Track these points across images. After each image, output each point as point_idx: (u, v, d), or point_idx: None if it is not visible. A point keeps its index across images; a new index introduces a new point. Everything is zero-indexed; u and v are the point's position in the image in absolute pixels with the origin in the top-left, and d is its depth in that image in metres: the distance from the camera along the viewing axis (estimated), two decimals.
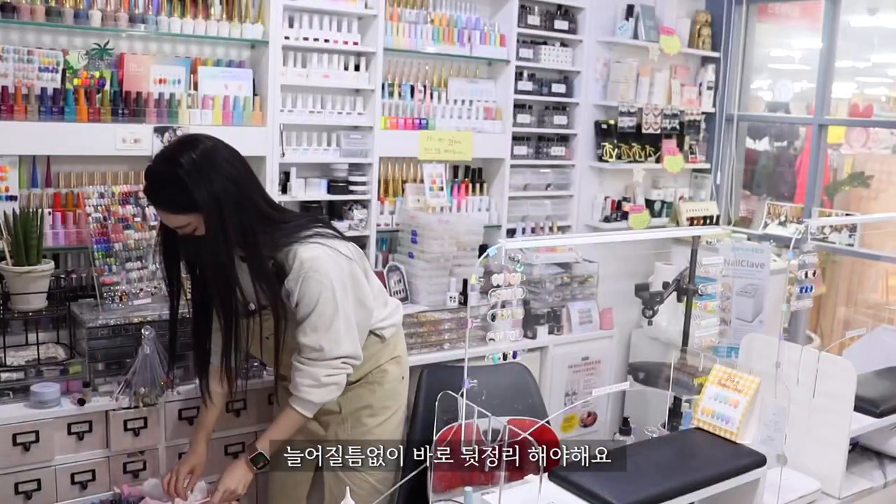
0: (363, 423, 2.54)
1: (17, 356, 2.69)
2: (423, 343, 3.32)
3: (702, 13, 4.65)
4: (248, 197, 2.23)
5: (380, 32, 3.43)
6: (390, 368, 2.60)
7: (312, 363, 2.30)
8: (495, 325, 2.63)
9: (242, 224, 2.19)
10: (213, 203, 2.14)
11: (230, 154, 2.26)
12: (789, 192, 5.14)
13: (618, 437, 2.57)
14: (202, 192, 2.13)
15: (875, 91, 5.32)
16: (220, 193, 2.15)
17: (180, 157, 2.16)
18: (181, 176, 2.13)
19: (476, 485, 2.13)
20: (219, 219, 2.15)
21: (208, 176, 2.14)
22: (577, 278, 3.93)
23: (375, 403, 2.56)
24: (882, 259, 4.27)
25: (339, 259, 2.29)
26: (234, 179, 2.20)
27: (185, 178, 2.12)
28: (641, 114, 4.33)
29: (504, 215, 3.94)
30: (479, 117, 3.81)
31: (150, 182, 2.23)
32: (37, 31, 2.87)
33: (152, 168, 2.23)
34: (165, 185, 2.18)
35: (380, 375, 2.58)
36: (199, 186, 2.12)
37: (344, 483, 2.24)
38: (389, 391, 2.60)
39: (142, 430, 2.71)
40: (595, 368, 3.98)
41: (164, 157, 2.22)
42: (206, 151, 2.19)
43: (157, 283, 2.90)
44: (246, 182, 2.25)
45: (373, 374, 2.57)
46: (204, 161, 2.16)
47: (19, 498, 2.55)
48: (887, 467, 2.58)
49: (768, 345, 2.41)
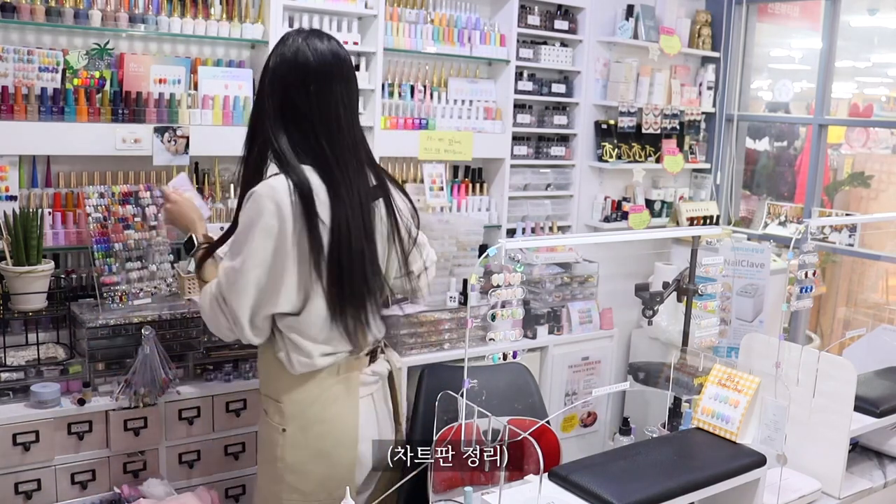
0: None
1: (17, 356, 2.69)
2: (423, 343, 3.32)
3: (702, 13, 4.65)
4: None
5: (380, 32, 3.43)
6: (270, 408, 2.19)
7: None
8: (495, 325, 2.63)
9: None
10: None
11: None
12: (789, 192, 5.14)
13: (618, 437, 2.56)
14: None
15: (875, 91, 5.33)
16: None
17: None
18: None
19: (476, 485, 2.13)
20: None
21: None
22: (577, 278, 3.93)
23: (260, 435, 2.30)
24: (882, 259, 4.27)
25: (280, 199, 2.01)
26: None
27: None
28: (641, 114, 4.33)
29: (504, 215, 3.94)
30: (479, 117, 3.81)
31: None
32: (37, 31, 2.87)
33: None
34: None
35: (265, 403, 2.23)
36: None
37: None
38: (263, 436, 2.25)
39: (142, 430, 2.71)
40: (595, 368, 3.98)
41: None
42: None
43: (157, 283, 2.91)
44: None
45: (265, 395, 2.24)
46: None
47: (19, 498, 2.55)
48: (887, 467, 2.58)
49: (768, 345, 2.41)
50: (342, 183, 2.06)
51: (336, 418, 2.18)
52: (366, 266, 2.11)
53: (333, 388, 2.17)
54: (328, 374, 2.16)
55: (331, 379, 2.16)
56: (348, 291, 2.08)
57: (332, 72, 2.08)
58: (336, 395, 2.18)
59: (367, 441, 2.23)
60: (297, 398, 2.16)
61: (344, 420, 2.19)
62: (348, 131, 2.10)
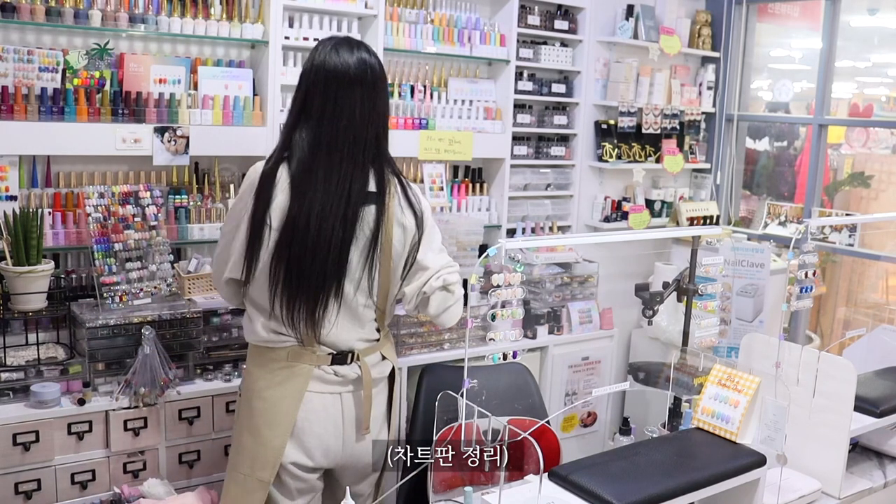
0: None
1: (17, 356, 2.69)
2: (423, 343, 3.32)
3: (702, 13, 4.65)
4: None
5: (380, 32, 3.43)
6: (248, 366, 2.34)
7: None
8: (495, 325, 2.63)
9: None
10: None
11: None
12: (789, 192, 5.14)
13: (618, 437, 2.56)
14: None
15: (875, 91, 5.33)
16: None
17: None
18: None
19: (476, 485, 2.13)
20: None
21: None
22: (577, 278, 3.93)
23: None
24: (882, 259, 4.27)
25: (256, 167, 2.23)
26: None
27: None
28: (641, 114, 4.33)
29: (504, 215, 3.94)
30: (479, 117, 3.81)
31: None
32: (37, 31, 2.87)
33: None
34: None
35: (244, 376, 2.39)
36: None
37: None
38: (243, 393, 2.36)
39: (142, 430, 2.71)
40: (595, 368, 3.98)
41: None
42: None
43: (157, 283, 2.91)
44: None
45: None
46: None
47: (19, 498, 2.55)
48: (887, 467, 2.58)
49: (768, 345, 2.41)
50: (322, 179, 2.13)
51: (275, 399, 2.23)
52: (322, 261, 2.14)
53: (280, 372, 2.23)
54: (277, 356, 2.23)
55: (280, 362, 2.23)
56: (295, 279, 2.14)
57: (345, 80, 2.17)
58: (281, 379, 2.23)
59: (316, 436, 2.25)
60: (251, 368, 2.30)
61: (282, 404, 2.22)
62: (355, 134, 2.16)
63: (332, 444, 2.27)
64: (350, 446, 2.30)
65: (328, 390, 2.25)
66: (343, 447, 2.29)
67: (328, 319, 2.20)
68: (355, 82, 2.16)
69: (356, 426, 2.30)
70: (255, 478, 2.23)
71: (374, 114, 2.19)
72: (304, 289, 2.14)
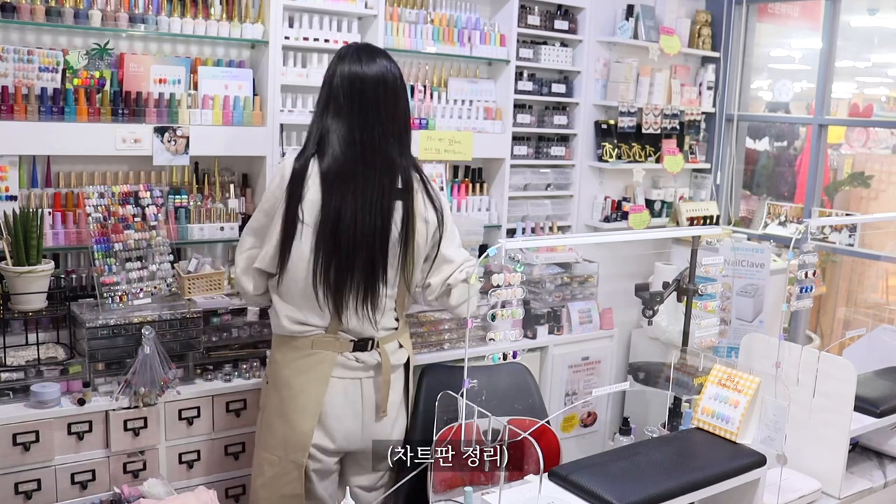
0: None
1: (17, 356, 2.69)
2: (423, 343, 3.32)
3: (702, 13, 4.65)
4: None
5: (380, 32, 3.43)
6: (273, 354, 2.53)
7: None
8: (495, 325, 2.63)
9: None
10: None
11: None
12: (789, 192, 5.14)
13: (618, 437, 2.56)
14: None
15: (875, 91, 5.33)
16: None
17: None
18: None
19: (476, 485, 2.12)
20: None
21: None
22: (577, 278, 3.93)
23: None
24: (882, 259, 4.27)
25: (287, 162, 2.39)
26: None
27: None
28: (641, 114, 4.33)
29: (504, 215, 3.94)
30: (479, 117, 3.81)
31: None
32: (37, 31, 2.87)
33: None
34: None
35: (269, 364, 2.58)
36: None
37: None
38: (270, 381, 2.54)
39: (142, 430, 2.71)
40: (595, 368, 3.98)
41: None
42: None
43: (157, 283, 2.91)
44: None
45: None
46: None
47: (19, 498, 2.55)
48: (887, 467, 2.58)
49: (768, 345, 2.41)
50: (360, 174, 2.32)
51: (301, 387, 2.42)
52: (369, 252, 2.33)
53: (306, 359, 2.41)
54: (302, 344, 2.41)
55: (304, 350, 2.41)
56: (343, 270, 2.32)
57: (370, 82, 2.37)
58: (307, 366, 2.41)
59: (338, 420, 2.43)
60: (276, 357, 2.48)
61: (309, 391, 2.41)
62: (383, 132, 2.36)
63: (352, 427, 2.45)
64: (368, 429, 2.47)
65: (349, 376, 2.43)
66: (362, 430, 2.46)
67: (380, 305, 2.38)
68: (379, 84, 2.36)
69: (375, 410, 2.48)
70: (289, 460, 2.42)
71: (397, 113, 2.39)
72: (354, 278, 2.33)
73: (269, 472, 2.47)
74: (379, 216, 2.33)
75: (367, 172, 2.32)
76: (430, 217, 2.46)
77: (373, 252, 2.33)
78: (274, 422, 2.46)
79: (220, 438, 2.89)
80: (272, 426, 2.47)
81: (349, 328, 2.41)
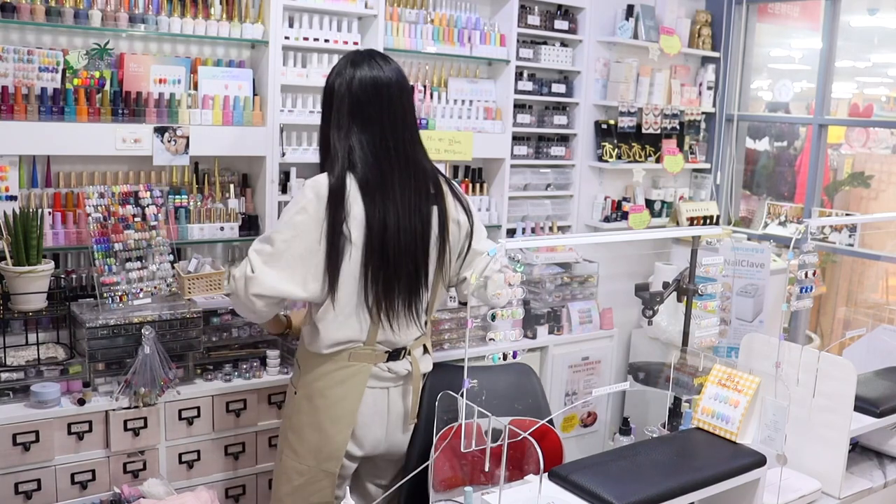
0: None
1: (17, 356, 2.69)
2: None
3: (702, 13, 4.65)
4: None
5: (380, 32, 3.43)
6: (303, 365, 2.45)
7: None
8: (495, 325, 2.63)
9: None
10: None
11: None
12: (789, 192, 5.14)
13: (618, 437, 2.56)
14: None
15: (875, 91, 5.32)
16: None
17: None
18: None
19: (476, 485, 2.13)
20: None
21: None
22: (577, 278, 3.93)
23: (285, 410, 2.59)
24: (882, 259, 4.27)
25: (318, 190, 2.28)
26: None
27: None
28: (641, 114, 4.33)
29: (504, 215, 3.94)
30: (479, 117, 3.81)
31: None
32: (37, 31, 2.87)
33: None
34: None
35: (296, 373, 2.49)
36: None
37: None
38: (288, 393, 2.53)
39: (142, 430, 2.71)
40: (595, 368, 3.98)
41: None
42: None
43: (157, 283, 2.91)
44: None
45: (297, 356, 2.53)
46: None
47: (19, 498, 2.55)
48: (887, 467, 2.58)
49: (768, 345, 2.41)
50: (398, 182, 2.30)
51: (337, 398, 2.38)
52: (412, 259, 2.33)
53: (341, 371, 2.37)
54: (339, 357, 2.36)
55: (341, 362, 2.37)
56: (392, 279, 2.31)
57: (394, 87, 2.35)
58: (342, 378, 2.37)
59: (368, 427, 2.42)
60: (308, 369, 2.42)
61: (344, 401, 2.38)
62: (412, 136, 2.37)
63: (379, 434, 2.45)
64: (392, 436, 2.47)
65: (379, 385, 2.42)
66: (386, 437, 2.46)
67: (400, 318, 2.36)
68: (402, 89, 2.36)
69: (402, 418, 2.47)
70: (320, 469, 2.41)
71: (414, 117, 2.41)
72: (400, 286, 2.32)
73: (297, 480, 2.43)
74: (419, 222, 2.33)
75: (404, 179, 2.31)
76: (462, 219, 2.48)
77: (415, 258, 2.34)
78: (305, 431, 2.42)
79: (220, 438, 2.90)
80: (302, 435, 2.42)
81: (385, 339, 2.38)
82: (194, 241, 3.12)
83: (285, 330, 2.72)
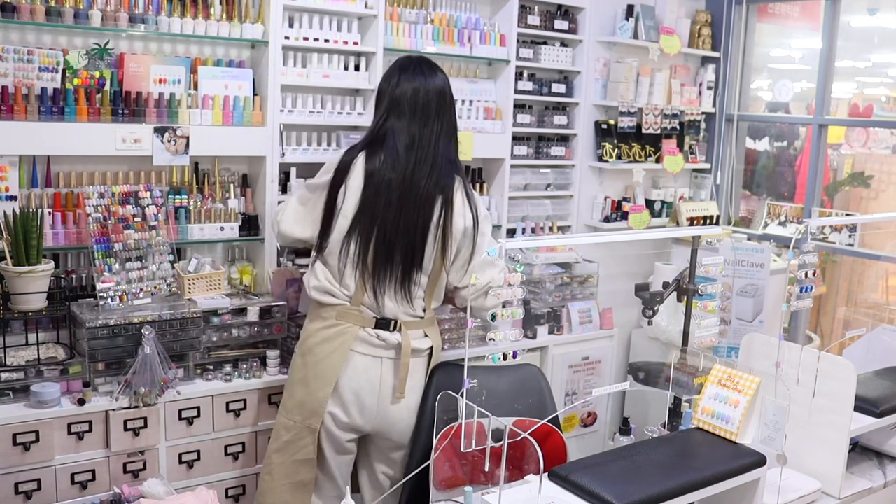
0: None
1: (17, 356, 2.69)
2: None
3: (702, 13, 4.65)
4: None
5: (380, 32, 3.43)
6: (306, 324, 2.70)
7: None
8: (495, 325, 2.63)
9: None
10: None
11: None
12: (789, 192, 5.14)
13: (618, 437, 2.56)
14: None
15: (875, 91, 5.32)
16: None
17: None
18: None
19: (476, 485, 2.13)
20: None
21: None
22: (577, 278, 3.93)
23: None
24: (882, 259, 4.27)
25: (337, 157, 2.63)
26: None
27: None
28: (641, 114, 4.33)
29: (504, 215, 3.94)
30: (479, 117, 3.81)
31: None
32: (37, 31, 2.87)
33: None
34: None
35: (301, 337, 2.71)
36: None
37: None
38: (297, 349, 2.71)
39: (142, 430, 2.71)
40: (595, 368, 3.98)
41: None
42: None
43: (157, 283, 2.91)
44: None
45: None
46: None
47: (19, 498, 2.55)
48: (887, 467, 2.58)
49: (768, 345, 2.41)
50: (404, 164, 2.53)
51: (323, 354, 2.58)
52: (403, 239, 2.52)
53: (329, 330, 2.59)
54: (328, 313, 2.60)
55: (329, 320, 2.59)
56: (385, 255, 2.52)
57: (443, 93, 2.63)
58: (330, 336, 2.58)
59: (356, 395, 2.58)
60: (307, 325, 2.67)
61: (329, 358, 2.57)
62: (437, 129, 2.59)
63: (368, 402, 2.58)
64: (384, 408, 2.59)
65: (371, 353, 2.58)
66: (378, 407, 2.59)
67: (385, 289, 2.55)
68: (441, 95, 2.60)
69: (392, 391, 2.60)
70: (304, 425, 2.60)
71: (451, 119, 2.63)
72: (393, 264, 2.53)
73: (284, 436, 2.62)
74: (423, 205, 2.52)
75: (419, 165, 2.52)
76: (468, 216, 2.62)
77: (413, 239, 2.53)
78: (295, 387, 2.64)
79: (220, 438, 2.90)
80: (292, 391, 2.64)
81: (371, 304, 2.57)
82: (194, 241, 3.12)
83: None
